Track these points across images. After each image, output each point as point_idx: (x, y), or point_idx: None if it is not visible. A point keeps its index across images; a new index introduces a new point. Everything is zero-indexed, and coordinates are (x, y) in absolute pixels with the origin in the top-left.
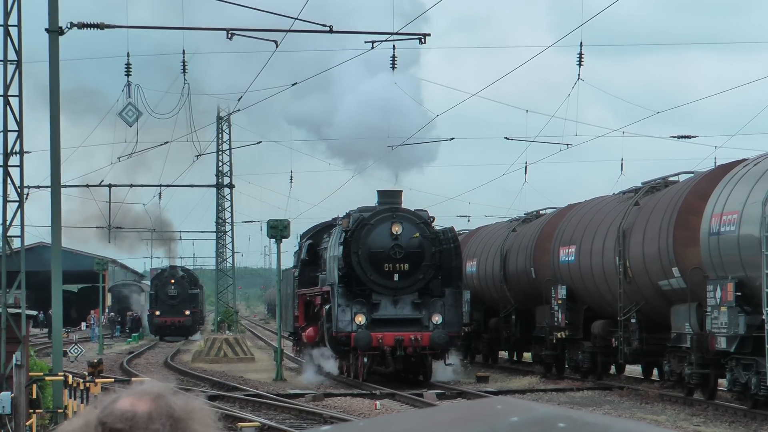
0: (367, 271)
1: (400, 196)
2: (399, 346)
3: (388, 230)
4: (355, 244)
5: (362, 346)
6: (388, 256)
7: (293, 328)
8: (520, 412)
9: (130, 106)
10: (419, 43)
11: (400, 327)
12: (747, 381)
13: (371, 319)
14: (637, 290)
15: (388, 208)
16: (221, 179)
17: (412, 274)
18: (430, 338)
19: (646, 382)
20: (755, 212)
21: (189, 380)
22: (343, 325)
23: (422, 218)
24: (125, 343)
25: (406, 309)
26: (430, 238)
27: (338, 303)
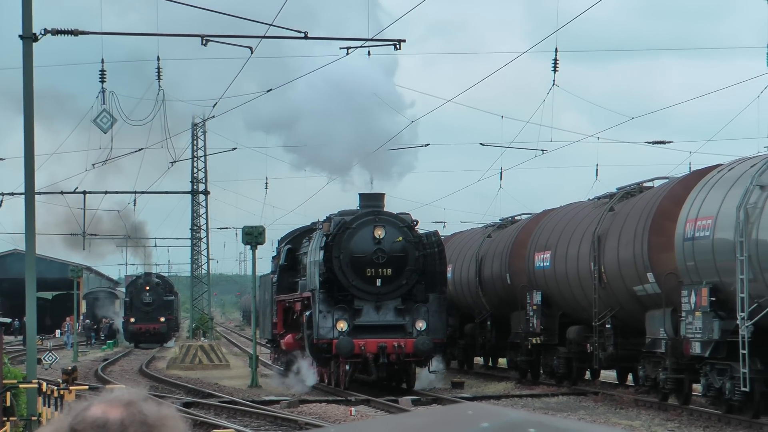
0: (349, 276)
1: (382, 200)
2: (382, 353)
3: (370, 234)
4: (337, 248)
5: (344, 354)
6: (370, 261)
7: (271, 335)
8: (491, 418)
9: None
10: (394, 49)
11: (383, 333)
12: (721, 386)
13: (353, 326)
14: (612, 296)
15: (370, 212)
16: (196, 186)
17: (395, 279)
18: (414, 345)
19: (621, 387)
20: (730, 217)
21: (164, 387)
22: (325, 331)
23: (405, 222)
24: (100, 350)
25: (389, 315)
26: (413, 243)
27: (319, 309)
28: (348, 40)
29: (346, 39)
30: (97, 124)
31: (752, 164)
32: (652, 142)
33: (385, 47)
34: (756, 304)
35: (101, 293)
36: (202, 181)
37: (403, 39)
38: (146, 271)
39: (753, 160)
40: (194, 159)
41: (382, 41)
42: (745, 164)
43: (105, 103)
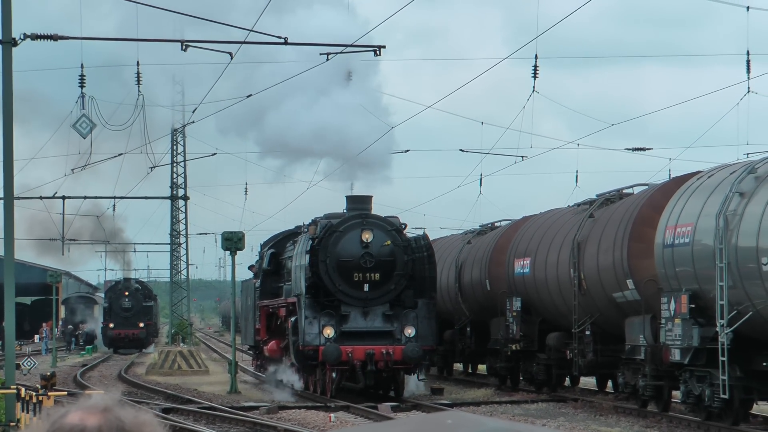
0: (336, 281)
1: (370, 202)
2: (370, 360)
3: (357, 238)
4: (323, 252)
5: (331, 361)
6: (357, 265)
7: (254, 342)
8: (470, 427)
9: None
10: (374, 55)
11: (370, 340)
12: (701, 393)
13: (340, 332)
14: (592, 302)
15: (357, 215)
16: (176, 191)
17: (384, 284)
18: (402, 352)
19: (601, 394)
20: (709, 224)
21: (143, 393)
22: (310, 338)
23: (394, 225)
24: (79, 355)
25: (377, 321)
26: (402, 246)
27: (305, 315)
28: (328, 45)
29: (326, 45)
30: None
31: (732, 171)
32: (631, 149)
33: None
34: (735, 311)
35: (80, 298)
36: (181, 187)
37: (383, 45)
38: (125, 277)
39: (732, 167)
40: (174, 164)
41: (362, 47)
42: (724, 171)
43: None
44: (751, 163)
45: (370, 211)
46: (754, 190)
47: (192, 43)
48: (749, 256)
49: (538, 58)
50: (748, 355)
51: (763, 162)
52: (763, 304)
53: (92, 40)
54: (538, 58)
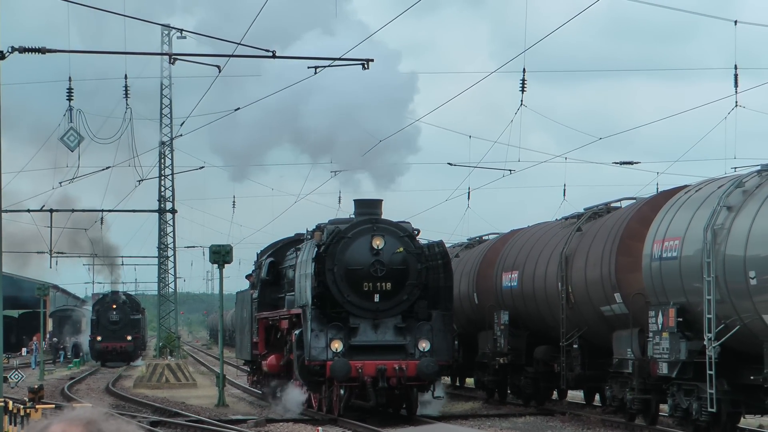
0: (344, 291)
1: (380, 206)
2: (381, 376)
3: (367, 244)
4: (330, 260)
5: (339, 377)
6: (367, 274)
7: (250, 356)
8: None
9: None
10: (362, 68)
11: (381, 355)
12: (688, 406)
13: (349, 346)
14: (580, 316)
15: (367, 220)
16: (163, 204)
17: (395, 295)
18: (417, 367)
19: (588, 407)
20: (697, 238)
21: (130, 406)
22: (317, 352)
23: (406, 231)
24: (66, 368)
25: (388, 334)
26: (415, 254)
27: (311, 327)
28: (316, 59)
29: (315, 58)
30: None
31: (719, 185)
32: (619, 163)
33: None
34: (723, 324)
35: (68, 311)
36: (169, 200)
37: (371, 58)
38: (113, 290)
39: (720, 181)
40: (161, 177)
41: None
42: (712, 185)
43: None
44: (738, 177)
45: (380, 215)
46: (741, 204)
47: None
48: (737, 270)
49: (526, 71)
50: (735, 368)
51: (751, 176)
52: (751, 318)
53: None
54: (526, 72)
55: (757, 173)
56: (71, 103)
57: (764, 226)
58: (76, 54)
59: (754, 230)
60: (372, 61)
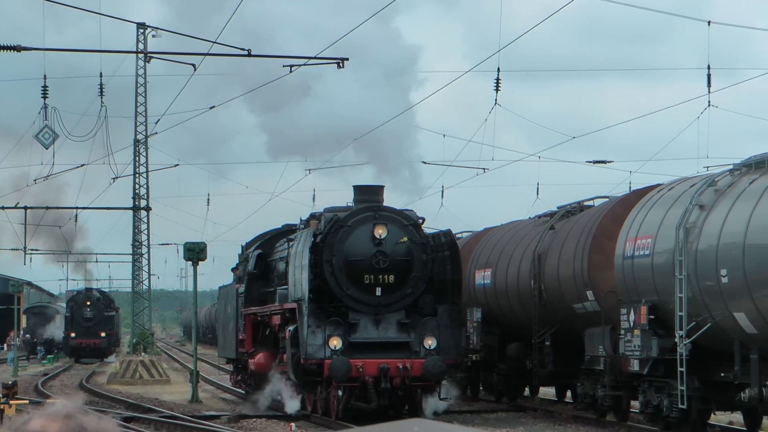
0: (343, 284)
1: (381, 193)
2: (384, 376)
3: (369, 234)
4: (328, 250)
5: (339, 377)
6: (369, 266)
7: (235, 354)
8: None
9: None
10: (338, 67)
11: (384, 353)
12: (659, 403)
13: (348, 343)
14: (552, 313)
15: (368, 207)
16: (138, 202)
17: (399, 288)
18: (422, 367)
19: (560, 404)
20: (669, 237)
21: (104, 402)
22: (314, 350)
23: (411, 219)
24: (40, 365)
25: (390, 331)
26: (420, 244)
27: (307, 323)
28: (291, 57)
29: (290, 57)
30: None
31: (692, 184)
32: (592, 162)
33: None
34: (694, 322)
35: (42, 308)
36: (143, 197)
37: (346, 57)
38: (87, 287)
39: (692, 180)
40: (136, 175)
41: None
42: (684, 184)
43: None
44: (710, 176)
45: (382, 203)
46: (713, 203)
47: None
48: (709, 268)
49: (500, 71)
50: (706, 365)
51: (723, 175)
52: (722, 316)
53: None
54: (501, 72)
55: (729, 172)
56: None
57: (736, 224)
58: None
59: (726, 229)
60: (347, 60)
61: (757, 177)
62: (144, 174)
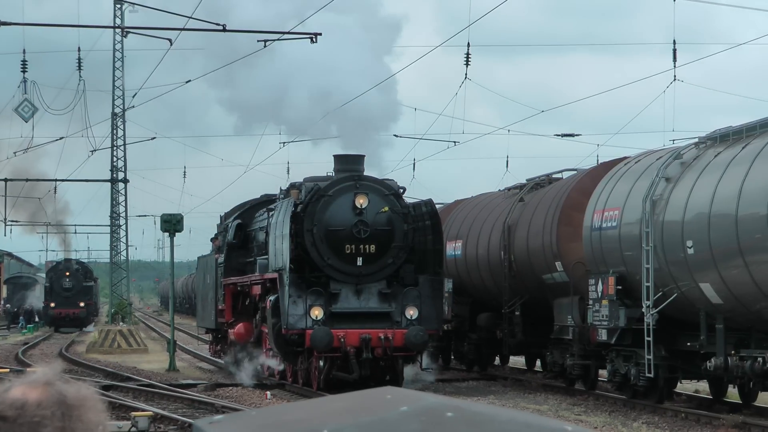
0: (324, 254)
1: (362, 163)
2: (365, 346)
3: (350, 203)
4: (309, 220)
5: (320, 347)
6: (350, 235)
7: (215, 325)
8: (409, 402)
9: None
10: (311, 42)
11: (365, 323)
12: (626, 372)
13: (330, 313)
14: (522, 284)
15: (349, 177)
16: (116, 174)
17: (380, 258)
18: (404, 337)
19: (530, 372)
20: (636, 208)
21: (83, 371)
22: (294, 320)
23: (392, 189)
24: (20, 334)
25: (372, 301)
26: (401, 214)
27: (288, 293)
28: (265, 33)
29: (264, 32)
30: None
31: (658, 157)
32: (560, 135)
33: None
34: (661, 292)
35: (22, 278)
36: (121, 170)
37: (319, 32)
38: (66, 258)
39: (659, 153)
40: (114, 148)
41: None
42: (651, 157)
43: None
44: (676, 149)
45: (363, 173)
46: (679, 176)
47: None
48: (674, 240)
49: (470, 46)
50: (672, 335)
51: (688, 148)
52: (688, 286)
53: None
54: (470, 47)
55: (694, 145)
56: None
57: (701, 196)
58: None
59: (692, 201)
60: (320, 35)
61: (722, 150)
62: (122, 147)
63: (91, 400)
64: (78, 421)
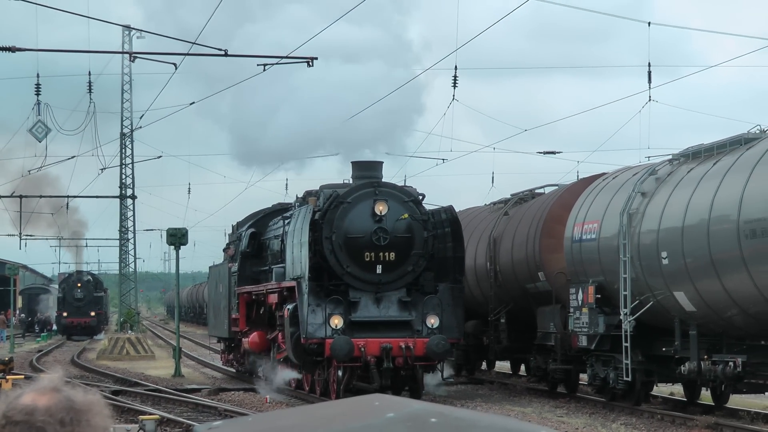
0: (343, 262)
1: (380, 169)
2: (386, 356)
3: (369, 210)
4: (328, 227)
5: (341, 357)
6: (369, 243)
7: (228, 334)
8: (396, 408)
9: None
10: (307, 66)
11: (385, 332)
12: (606, 376)
13: (349, 322)
14: (507, 293)
15: (368, 183)
16: (124, 191)
17: (399, 266)
18: (426, 346)
19: (514, 376)
20: (614, 221)
21: (93, 376)
22: (314, 329)
23: (411, 195)
24: (35, 342)
25: (391, 309)
26: (421, 221)
27: (307, 302)
28: (264, 57)
29: (263, 56)
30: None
31: (634, 173)
32: (543, 152)
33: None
34: (637, 301)
35: (37, 289)
36: (129, 187)
37: (315, 57)
38: (78, 269)
39: (635, 169)
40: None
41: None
42: (628, 173)
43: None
44: (652, 166)
45: (381, 179)
46: (654, 190)
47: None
48: (650, 251)
49: (457, 69)
50: (648, 341)
51: (663, 164)
52: (663, 295)
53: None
54: (458, 69)
55: (668, 162)
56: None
57: (675, 210)
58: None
59: (666, 214)
60: (316, 59)
61: (695, 166)
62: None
63: (97, 405)
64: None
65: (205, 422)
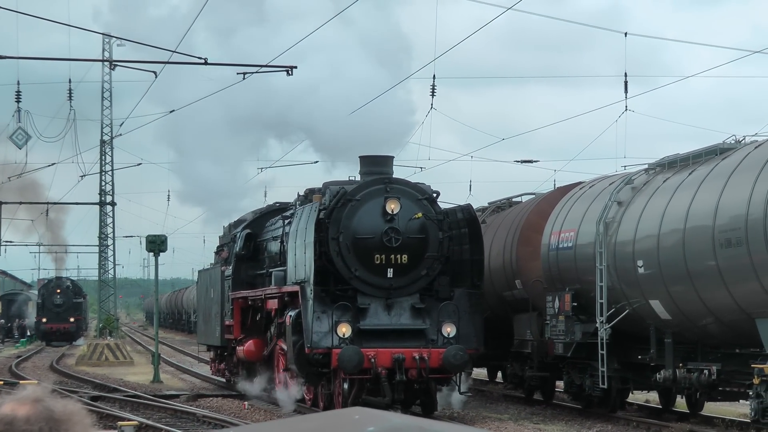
0: (351, 265)
1: (391, 164)
2: (398, 367)
3: (379, 208)
4: (334, 227)
5: (349, 368)
6: (380, 244)
7: (220, 341)
8: (376, 422)
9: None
10: (287, 74)
11: (397, 341)
12: (582, 383)
13: (357, 330)
14: (484, 300)
15: (378, 179)
16: (104, 197)
17: (412, 269)
18: (442, 357)
19: (491, 383)
20: (590, 230)
21: (73, 382)
22: (319, 338)
23: (425, 193)
24: (14, 347)
25: (403, 317)
26: (436, 221)
27: (312, 308)
28: (244, 66)
29: (243, 65)
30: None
31: (611, 182)
32: (520, 161)
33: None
34: (613, 309)
35: (16, 295)
36: (109, 193)
37: (295, 65)
38: (57, 275)
39: (612, 179)
40: (102, 173)
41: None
42: (604, 182)
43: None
44: (628, 175)
45: (392, 175)
46: (630, 199)
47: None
48: (626, 259)
49: (435, 78)
50: (624, 348)
51: (639, 174)
52: (639, 303)
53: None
54: (436, 79)
55: (644, 171)
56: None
57: (651, 219)
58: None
59: (642, 223)
60: (295, 67)
61: (670, 176)
62: (109, 172)
63: (77, 414)
64: None
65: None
